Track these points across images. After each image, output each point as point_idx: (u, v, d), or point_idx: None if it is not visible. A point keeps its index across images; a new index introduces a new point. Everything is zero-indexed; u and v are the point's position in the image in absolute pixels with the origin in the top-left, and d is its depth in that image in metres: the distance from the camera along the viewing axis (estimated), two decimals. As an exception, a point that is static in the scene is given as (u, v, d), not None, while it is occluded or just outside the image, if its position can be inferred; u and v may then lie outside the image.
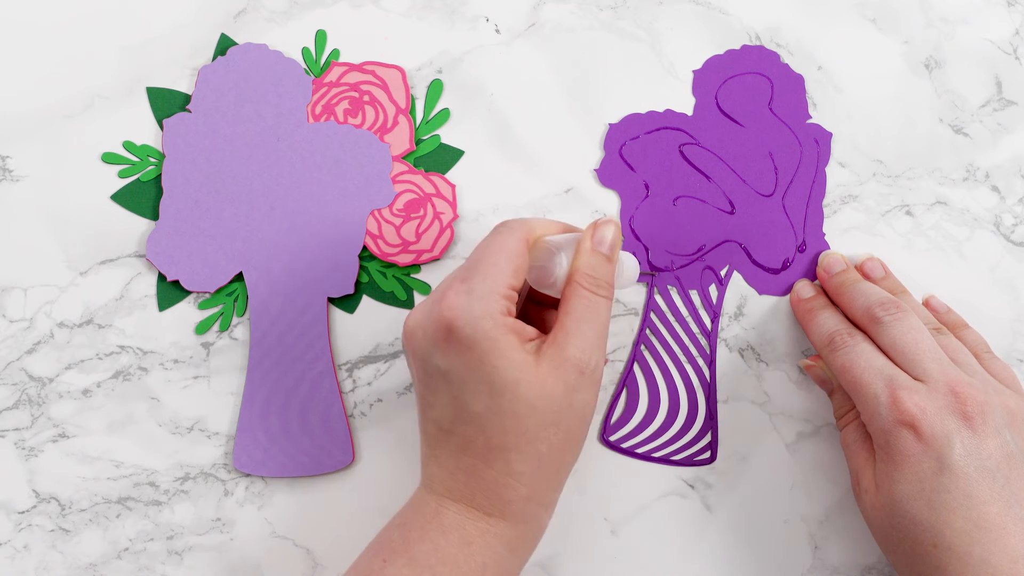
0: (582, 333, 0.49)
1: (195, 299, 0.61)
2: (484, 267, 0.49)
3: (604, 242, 0.52)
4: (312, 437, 0.60)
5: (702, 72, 0.63)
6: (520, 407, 0.48)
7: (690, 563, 0.61)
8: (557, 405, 0.48)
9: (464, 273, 0.50)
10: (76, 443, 0.60)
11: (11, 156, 0.62)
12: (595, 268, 0.51)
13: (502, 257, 0.50)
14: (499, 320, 0.48)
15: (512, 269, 0.50)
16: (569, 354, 0.48)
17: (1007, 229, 0.63)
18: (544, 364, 0.48)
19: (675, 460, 0.61)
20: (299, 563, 0.60)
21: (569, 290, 0.50)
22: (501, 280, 0.49)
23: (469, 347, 0.48)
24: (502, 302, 0.49)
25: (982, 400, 0.51)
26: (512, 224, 0.52)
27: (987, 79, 0.64)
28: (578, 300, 0.50)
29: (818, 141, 0.63)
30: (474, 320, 0.48)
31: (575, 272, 0.51)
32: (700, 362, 0.62)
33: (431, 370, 0.49)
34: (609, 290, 0.51)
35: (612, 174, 0.63)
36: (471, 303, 0.48)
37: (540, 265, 0.52)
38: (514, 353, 0.48)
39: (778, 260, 0.62)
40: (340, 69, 0.62)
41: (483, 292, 0.48)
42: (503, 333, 0.48)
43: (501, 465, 0.49)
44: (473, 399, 0.48)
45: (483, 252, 0.50)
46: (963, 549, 0.49)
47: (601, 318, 0.50)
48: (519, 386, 0.47)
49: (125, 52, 0.63)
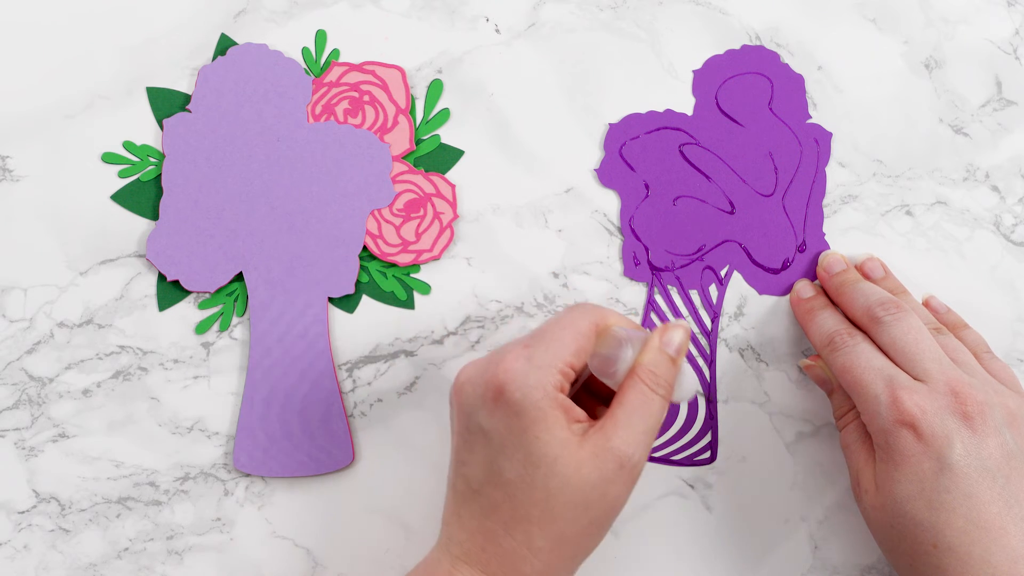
0: (632, 426, 0.49)
1: (195, 299, 0.61)
2: (548, 339, 0.49)
3: (672, 344, 0.51)
4: (312, 437, 0.60)
5: (702, 72, 0.63)
6: (553, 483, 0.47)
7: (690, 563, 0.61)
8: (591, 491, 0.48)
9: (528, 340, 0.50)
10: (76, 443, 0.60)
11: (11, 156, 0.62)
12: (658, 366, 0.51)
13: (569, 334, 0.50)
14: (551, 393, 0.48)
15: (576, 348, 0.50)
16: (613, 444, 0.48)
17: (1007, 229, 0.63)
18: (587, 448, 0.48)
19: (675, 460, 0.61)
20: (299, 563, 0.60)
21: (628, 383, 0.50)
22: (562, 356, 0.49)
23: (516, 413, 0.48)
24: (558, 377, 0.49)
25: (982, 400, 0.51)
26: (587, 307, 0.52)
27: (987, 79, 0.64)
28: (635, 394, 0.50)
29: (818, 141, 0.63)
30: (527, 387, 0.48)
31: (638, 366, 0.50)
32: (700, 362, 0.62)
33: (473, 427, 0.49)
34: (668, 390, 0.51)
35: (612, 174, 0.63)
36: (528, 370, 0.48)
37: (605, 353, 0.51)
38: (558, 429, 0.48)
39: (778, 260, 0.62)
40: (340, 69, 0.62)
41: (542, 363, 0.48)
42: (552, 407, 0.48)
43: (522, 536, 0.48)
44: (508, 465, 0.48)
45: (552, 326, 0.51)
46: (963, 549, 0.49)
47: (654, 416, 0.50)
48: (556, 462, 0.47)
49: (125, 52, 0.63)
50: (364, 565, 0.60)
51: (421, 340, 0.62)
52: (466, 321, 0.62)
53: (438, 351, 0.62)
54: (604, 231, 0.62)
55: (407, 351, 0.62)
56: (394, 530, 0.60)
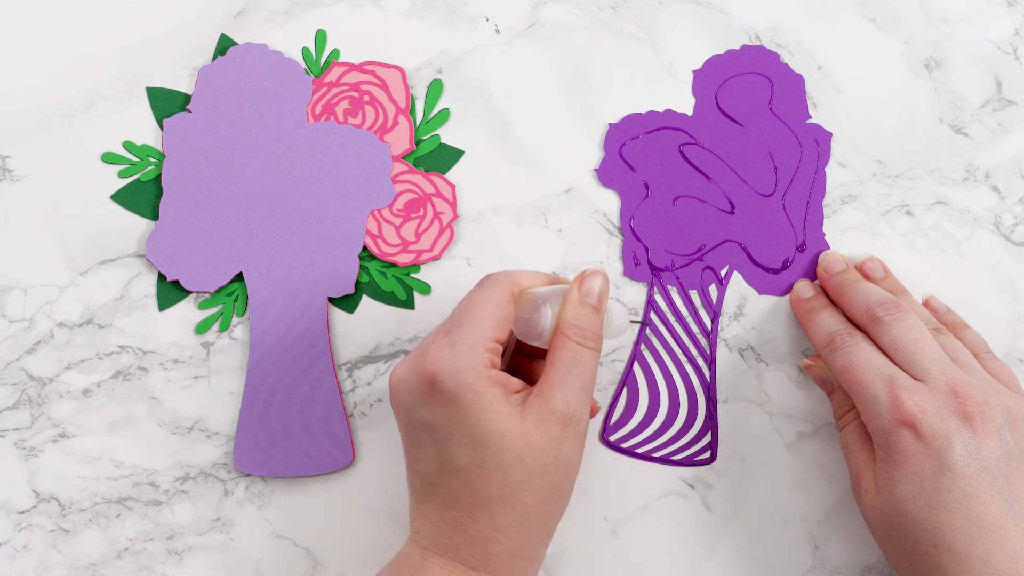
0: (568, 385, 0.49)
1: (195, 299, 0.61)
2: (467, 321, 0.50)
3: (592, 293, 0.52)
4: (312, 437, 0.60)
5: (702, 72, 0.63)
6: (505, 459, 0.48)
7: (690, 563, 0.61)
8: (542, 457, 0.48)
9: (447, 327, 0.50)
10: (76, 443, 0.60)
11: (11, 156, 0.62)
12: (582, 319, 0.51)
13: (485, 310, 0.50)
14: (482, 373, 0.48)
15: (495, 322, 0.50)
16: (554, 407, 0.48)
17: (1007, 229, 0.63)
18: (529, 416, 0.48)
19: (675, 460, 0.61)
20: (299, 563, 0.60)
21: (556, 342, 0.50)
22: (484, 333, 0.49)
23: (452, 400, 0.48)
24: (485, 355, 0.49)
25: (982, 400, 0.51)
26: (497, 277, 0.52)
27: (987, 79, 0.64)
28: (565, 352, 0.50)
29: (818, 141, 0.63)
30: (457, 373, 0.48)
31: (562, 323, 0.51)
32: (700, 362, 0.62)
33: (416, 424, 0.50)
34: (597, 342, 0.51)
35: (612, 174, 0.63)
36: (454, 356, 0.48)
37: (526, 317, 0.51)
38: (498, 406, 0.48)
39: (778, 260, 0.62)
40: (340, 69, 0.62)
41: (466, 345, 0.49)
42: (486, 386, 0.48)
43: (486, 519, 0.48)
44: (458, 452, 0.48)
45: (467, 305, 0.51)
46: (963, 549, 0.49)
47: (588, 370, 0.50)
48: (503, 438, 0.48)
49: (125, 52, 0.63)
50: (364, 565, 0.60)
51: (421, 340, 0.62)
52: (466, 321, 0.62)
53: (438, 351, 0.62)
54: (604, 231, 0.62)
55: (407, 351, 0.62)
56: (394, 530, 0.60)
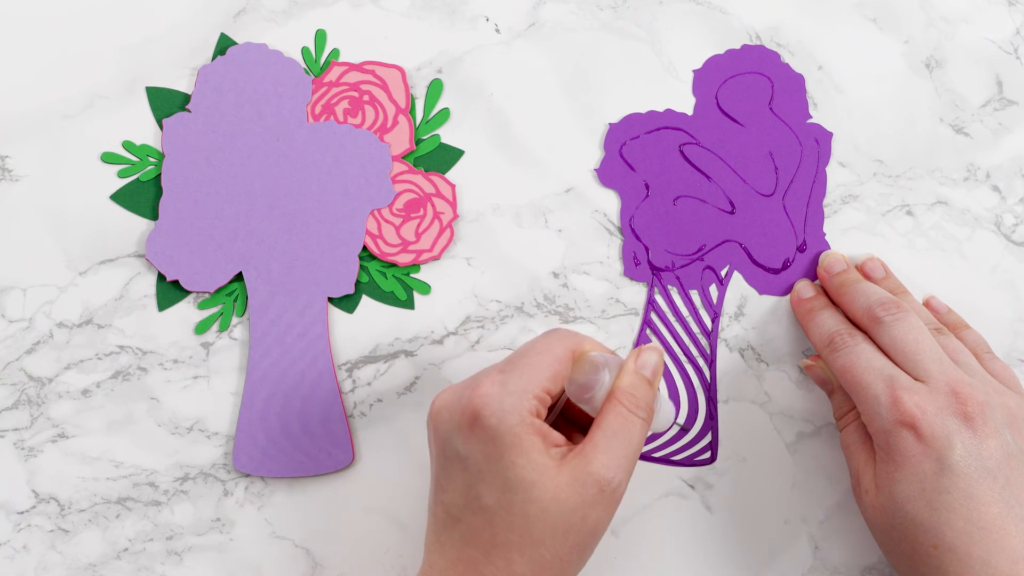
0: (612, 450, 0.48)
1: (195, 299, 0.61)
2: (524, 365, 0.49)
3: (647, 366, 0.51)
4: (312, 437, 0.60)
5: (702, 72, 0.63)
6: (531, 508, 0.47)
7: (690, 563, 0.61)
8: (570, 516, 0.48)
9: (504, 366, 0.50)
10: (75, 443, 0.60)
11: (11, 156, 0.62)
12: (637, 388, 0.50)
13: (544, 359, 0.50)
14: (526, 419, 0.48)
15: (552, 374, 0.49)
16: (593, 468, 0.48)
17: (1008, 229, 0.63)
18: (565, 473, 0.48)
19: (675, 460, 0.61)
20: (299, 563, 0.60)
21: (607, 406, 0.50)
22: (538, 381, 0.49)
23: (492, 438, 0.47)
24: (533, 402, 0.48)
25: (982, 400, 0.51)
26: (563, 332, 0.52)
27: (988, 79, 0.64)
28: (615, 416, 0.49)
29: (818, 141, 0.63)
30: (502, 413, 0.48)
31: (617, 389, 0.50)
32: (700, 362, 0.62)
33: (450, 454, 0.49)
34: (648, 413, 0.51)
35: (612, 174, 0.63)
36: (503, 396, 0.48)
37: (583, 378, 0.51)
38: (535, 454, 0.47)
39: (778, 260, 0.62)
40: (340, 69, 0.62)
41: (517, 388, 0.48)
42: (528, 432, 0.48)
43: (503, 563, 0.48)
44: (486, 491, 0.48)
45: (527, 350, 0.50)
46: (963, 550, 0.49)
47: (634, 439, 0.49)
48: (534, 488, 0.47)
49: (125, 52, 0.63)
50: (364, 565, 0.60)
51: (421, 340, 0.62)
52: (466, 321, 0.62)
53: (438, 351, 0.62)
54: (604, 231, 0.62)
55: (407, 351, 0.62)
56: (394, 530, 0.60)
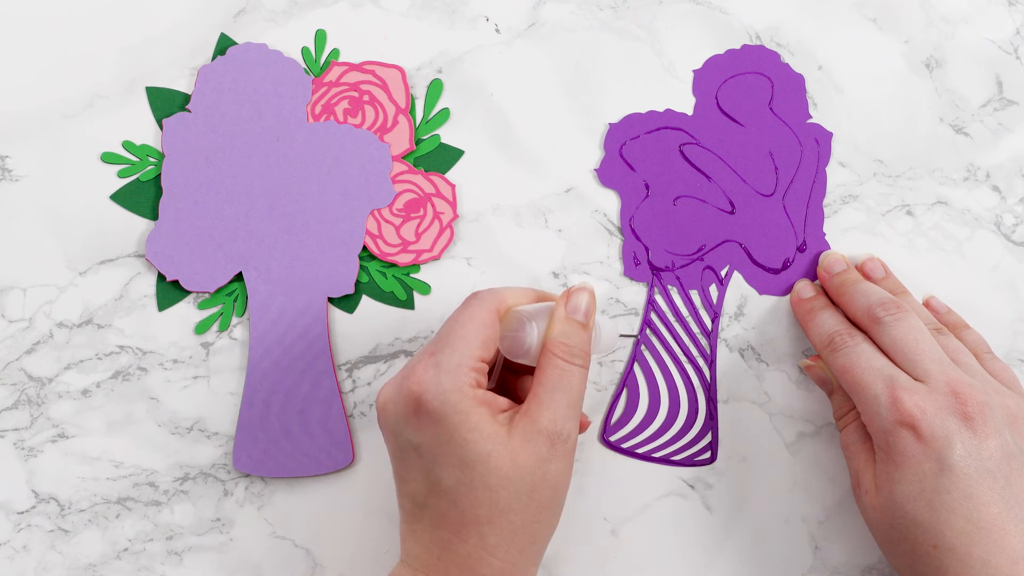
0: (555, 403, 0.49)
1: (195, 299, 0.61)
2: (452, 340, 0.49)
3: (578, 309, 0.51)
4: (312, 437, 0.60)
5: (702, 72, 0.63)
6: (492, 479, 0.48)
7: (690, 563, 0.61)
8: (530, 476, 0.48)
9: (432, 347, 0.50)
10: (75, 443, 0.60)
11: (11, 156, 0.62)
12: (569, 336, 0.50)
13: (471, 329, 0.50)
14: (468, 393, 0.48)
15: (481, 341, 0.50)
16: (541, 425, 0.48)
17: (1008, 229, 0.63)
18: (516, 435, 0.48)
19: (675, 460, 0.61)
20: (299, 563, 0.60)
21: (543, 359, 0.50)
22: (469, 352, 0.49)
23: (438, 421, 0.48)
24: (471, 375, 0.49)
25: (982, 401, 0.51)
26: (482, 295, 0.52)
27: (988, 79, 0.64)
28: (552, 369, 0.50)
29: (818, 141, 0.63)
30: (442, 394, 0.48)
31: (548, 341, 0.50)
32: (700, 362, 0.62)
33: (403, 445, 0.50)
34: (584, 358, 0.51)
35: (612, 174, 0.63)
36: (439, 377, 0.48)
37: (512, 335, 0.51)
38: (484, 425, 0.48)
39: (778, 260, 0.62)
40: (340, 69, 0.62)
41: (451, 365, 0.48)
42: (472, 406, 0.48)
43: (475, 539, 0.48)
44: (445, 473, 0.48)
45: (452, 324, 0.51)
46: (963, 550, 0.49)
47: (575, 387, 0.50)
48: (490, 458, 0.47)
49: (125, 52, 0.63)
50: (364, 565, 0.60)
51: (421, 340, 0.62)
52: (466, 321, 0.62)
53: (438, 351, 0.62)
54: (604, 231, 0.62)
55: (407, 351, 0.62)
56: (394, 530, 0.60)
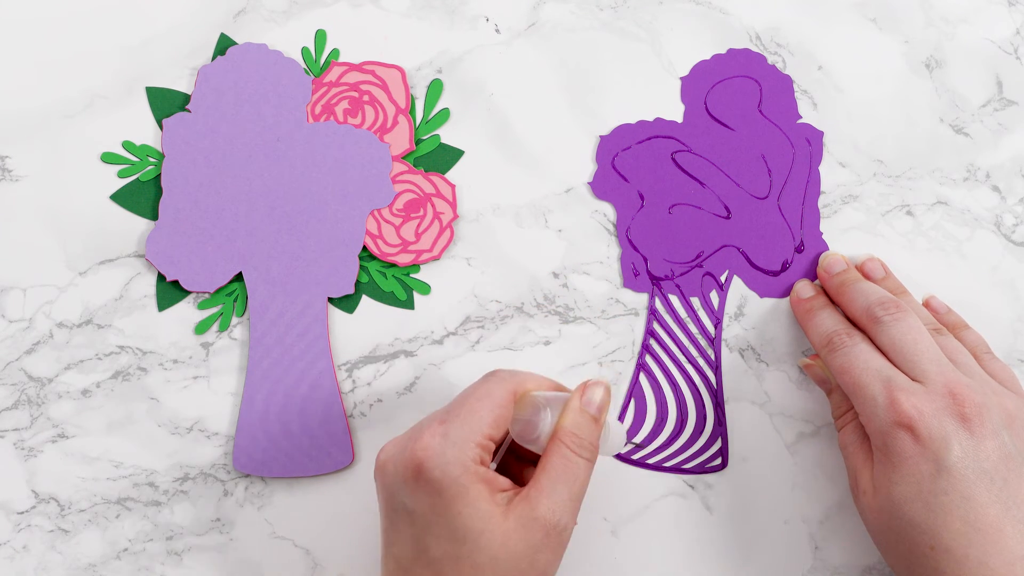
0: (556, 493, 0.48)
1: (194, 299, 0.61)
2: (465, 413, 0.49)
3: (592, 403, 0.51)
4: (312, 437, 0.60)
5: (690, 78, 0.63)
6: (480, 558, 0.47)
7: (690, 563, 0.61)
8: (519, 562, 0.48)
9: (444, 415, 0.50)
10: (75, 443, 0.61)
11: (11, 156, 0.62)
12: (580, 428, 0.50)
13: (485, 405, 0.49)
14: (470, 468, 0.48)
15: (493, 419, 0.49)
16: (539, 513, 0.48)
17: (1008, 229, 0.63)
18: (512, 519, 0.48)
19: (687, 469, 0.61)
20: (299, 563, 0.60)
21: (551, 447, 0.50)
22: (479, 428, 0.49)
23: (437, 491, 0.47)
24: (476, 450, 0.48)
25: (980, 401, 0.51)
26: (502, 374, 0.51)
27: (988, 79, 0.64)
28: (559, 458, 0.49)
29: (810, 141, 0.63)
30: (445, 464, 0.47)
31: (559, 429, 0.50)
32: (706, 369, 0.62)
33: (397, 506, 0.49)
34: (592, 452, 0.50)
35: (606, 186, 0.62)
36: (445, 447, 0.48)
37: (525, 419, 0.51)
38: (481, 503, 0.47)
39: (777, 262, 0.62)
40: (340, 69, 0.62)
41: (458, 438, 0.48)
42: (472, 481, 0.47)
43: None
44: (434, 543, 0.48)
45: (467, 398, 0.50)
46: (960, 551, 0.49)
47: (579, 479, 0.49)
48: (481, 536, 0.47)
49: (125, 52, 0.63)
50: (364, 565, 0.60)
51: (421, 340, 0.62)
52: (466, 321, 0.62)
53: (438, 351, 0.62)
54: (604, 231, 0.62)
55: (407, 351, 0.62)
56: (394, 530, 0.60)
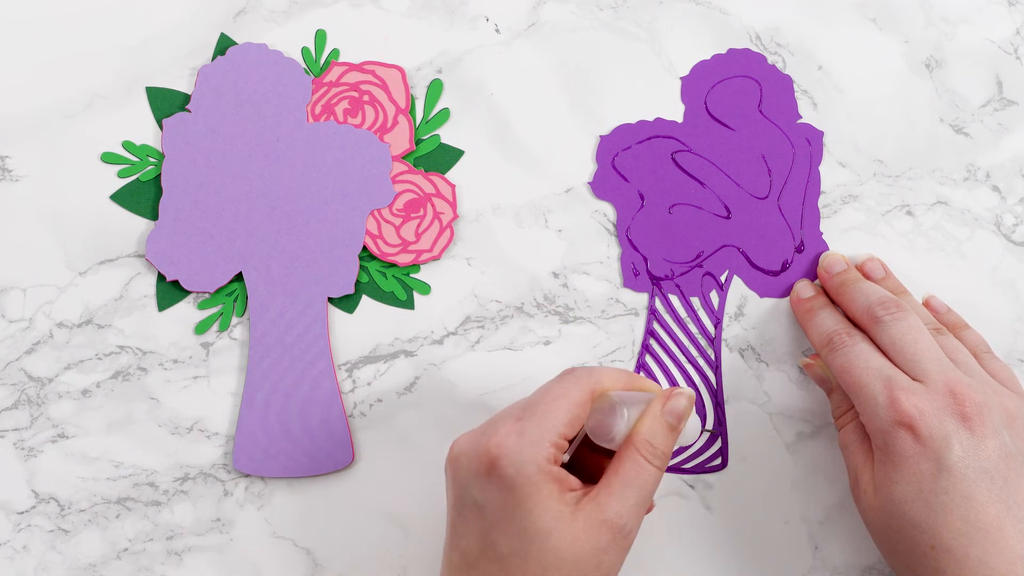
0: (626, 497, 0.49)
1: (195, 299, 0.61)
2: (541, 411, 0.49)
3: (674, 412, 0.51)
4: (312, 437, 0.60)
5: (690, 78, 0.63)
6: (547, 556, 0.47)
7: (690, 563, 0.61)
8: (585, 563, 0.48)
9: (520, 412, 0.50)
10: (75, 443, 0.61)
11: (11, 156, 0.62)
12: (656, 436, 0.50)
13: (562, 404, 0.49)
14: (544, 467, 0.48)
15: (569, 419, 0.49)
16: (607, 516, 0.48)
17: (1008, 229, 0.63)
18: (580, 519, 0.48)
19: (686, 469, 0.61)
20: (299, 563, 0.60)
21: (624, 450, 0.50)
22: (554, 428, 0.49)
23: (509, 487, 0.47)
24: (550, 449, 0.48)
25: (980, 401, 0.51)
26: (579, 373, 0.51)
27: (988, 79, 0.64)
28: (631, 463, 0.49)
29: (810, 140, 0.63)
30: (519, 462, 0.47)
31: (636, 435, 0.50)
32: (706, 369, 0.62)
33: (467, 500, 0.49)
34: (664, 461, 0.50)
35: (606, 186, 0.62)
36: (520, 445, 0.48)
37: (602, 419, 0.51)
38: (551, 502, 0.47)
39: (777, 262, 0.62)
40: (340, 69, 0.62)
41: (534, 437, 0.48)
42: (545, 480, 0.48)
43: None
44: (502, 539, 0.48)
45: (544, 396, 0.50)
46: (961, 551, 0.49)
47: (648, 486, 0.49)
48: (550, 536, 0.47)
49: (125, 52, 0.63)
50: (364, 565, 0.60)
51: (421, 340, 0.62)
52: (466, 321, 0.62)
53: (438, 351, 0.62)
54: (604, 231, 0.62)
55: (407, 351, 0.62)
56: (394, 530, 0.60)
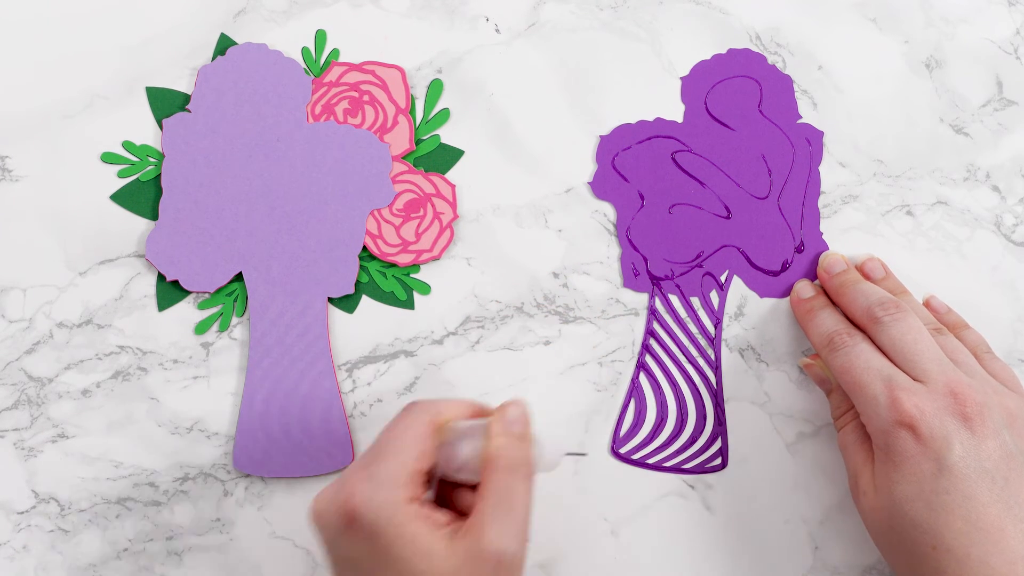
0: (499, 519, 0.46)
1: (195, 299, 0.61)
2: (387, 452, 0.48)
3: (514, 421, 0.50)
4: (312, 437, 0.60)
5: (690, 78, 0.63)
6: None
7: (690, 563, 0.61)
8: None
9: (367, 458, 0.48)
10: (75, 443, 0.60)
11: (10, 156, 0.62)
12: (507, 449, 0.48)
13: (407, 440, 0.48)
14: (402, 507, 0.46)
15: (416, 454, 0.48)
16: (484, 545, 0.46)
17: (1008, 229, 0.63)
18: (459, 554, 0.46)
19: (687, 469, 0.61)
20: (299, 563, 0.60)
21: (485, 475, 0.48)
22: (404, 465, 0.47)
23: (374, 535, 0.46)
24: (406, 488, 0.46)
25: (981, 401, 0.51)
26: (419, 406, 0.50)
27: (988, 79, 0.64)
28: (493, 484, 0.47)
29: (810, 141, 0.63)
30: (376, 507, 0.46)
31: (487, 455, 0.48)
32: (706, 369, 0.62)
33: (339, 558, 0.48)
34: (526, 470, 0.49)
35: (606, 186, 0.62)
36: (372, 490, 0.46)
37: (447, 451, 0.49)
38: (421, 542, 0.46)
39: (777, 262, 0.62)
40: (340, 69, 0.62)
41: (384, 478, 0.46)
42: (408, 520, 0.46)
43: None
44: None
45: (387, 435, 0.49)
46: (962, 551, 0.49)
47: (520, 501, 0.47)
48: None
49: (125, 52, 0.63)
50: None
51: (421, 340, 0.62)
52: (466, 321, 0.62)
53: (438, 351, 0.62)
54: (604, 231, 0.62)
55: (407, 351, 0.62)
56: (394, 530, 0.60)
